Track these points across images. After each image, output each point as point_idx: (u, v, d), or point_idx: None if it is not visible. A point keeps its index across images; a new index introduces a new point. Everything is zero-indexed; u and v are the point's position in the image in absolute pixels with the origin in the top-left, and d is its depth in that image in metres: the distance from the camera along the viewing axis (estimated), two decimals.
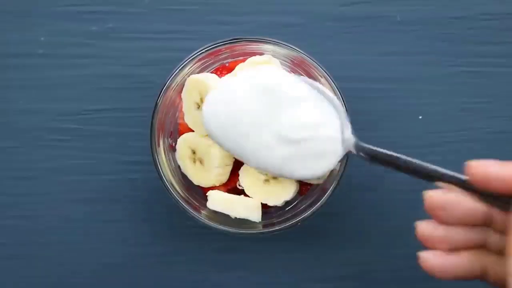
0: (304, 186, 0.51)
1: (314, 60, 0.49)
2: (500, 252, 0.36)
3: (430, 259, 0.38)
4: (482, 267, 0.37)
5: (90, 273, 0.55)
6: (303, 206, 0.50)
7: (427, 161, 0.53)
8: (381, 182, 0.55)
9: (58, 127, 0.55)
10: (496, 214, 0.37)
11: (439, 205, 0.37)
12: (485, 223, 0.38)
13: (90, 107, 0.55)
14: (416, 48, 0.55)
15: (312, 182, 0.50)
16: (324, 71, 0.49)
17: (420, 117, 0.55)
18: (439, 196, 0.37)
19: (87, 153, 0.55)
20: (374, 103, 0.55)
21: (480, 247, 0.38)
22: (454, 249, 0.37)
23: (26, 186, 0.55)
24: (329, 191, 0.49)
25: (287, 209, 0.51)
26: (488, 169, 0.35)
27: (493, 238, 0.38)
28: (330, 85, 0.49)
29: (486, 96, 0.55)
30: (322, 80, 0.49)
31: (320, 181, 0.50)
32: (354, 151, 0.45)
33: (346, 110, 0.47)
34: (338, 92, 0.48)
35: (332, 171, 0.49)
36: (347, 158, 0.47)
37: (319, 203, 0.49)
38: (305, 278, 0.55)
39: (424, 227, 0.38)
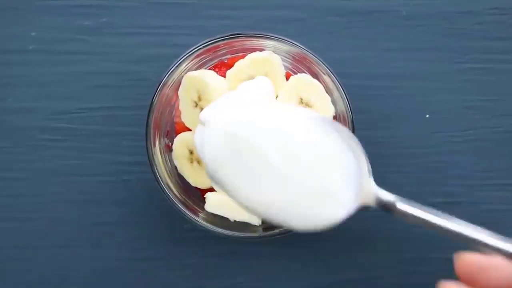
0: None
1: (317, 56, 0.48)
2: None
3: None
4: None
5: (83, 278, 0.54)
6: None
7: (432, 162, 0.54)
8: (387, 184, 0.54)
9: (50, 126, 0.54)
10: None
11: (474, 270, 0.34)
12: None
13: (83, 105, 0.54)
14: (422, 44, 0.55)
15: None
16: (327, 68, 0.48)
17: (427, 115, 0.54)
18: (475, 260, 0.35)
19: (80, 153, 0.54)
20: (377, 101, 0.55)
21: None
22: None
23: (18, 187, 0.54)
24: None
25: None
26: None
27: None
28: (334, 82, 0.48)
29: (494, 93, 0.55)
30: (325, 77, 0.49)
31: None
32: (373, 205, 0.40)
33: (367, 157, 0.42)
34: (342, 90, 0.48)
35: None
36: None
37: None
38: (307, 284, 0.54)
39: None
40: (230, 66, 0.50)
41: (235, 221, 0.49)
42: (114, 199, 0.54)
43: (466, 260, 0.35)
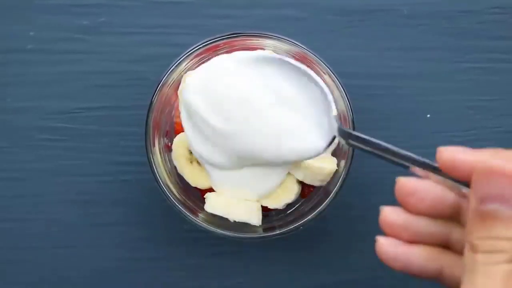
0: (306, 188, 0.50)
1: (317, 55, 0.48)
2: (461, 252, 0.36)
3: (386, 245, 0.37)
4: (439, 266, 0.37)
5: (83, 278, 0.54)
6: (306, 209, 0.50)
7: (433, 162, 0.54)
8: (387, 184, 0.54)
9: (49, 126, 0.54)
10: (465, 205, 0.36)
11: (409, 190, 0.37)
12: (452, 216, 0.37)
13: (82, 105, 0.54)
14: (423, 43, 0.54)
15: (315, 184, 0.49)
16: (328, 67, 0.48)
17: (428, 115, 0.54)
18: (410, 181, 0.37)
19: (79, 153, 0.54)
20: (378, 101, 0.54)
21: (441, 246, 0.37)
22: (415, 241, 0.37)
23: (16, 187, 0.54)
24: (332, 193, 0.48)
25: (288, 212, 0.51)
26: (456, 155, 0.35)
27: (456, 234, 0.37)
28: (334, 81, 0.48)
29: (495, 93, 0.55)
30: (325, 76, 0.48)
31: (323, 183, 0.49)
32: (337, 135, 0.43)
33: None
34: (342, 89, 0.48)
35: (335, 173, 0.48)
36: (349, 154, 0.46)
37: (322, 205, 0.48)
38: (307, 284, 0.54)
39: (388, 213, 0.38)
40: None
41: (235, 221, 0.48)
42: (113, 199, 0.54)
43: (401, 183, 0.37)
